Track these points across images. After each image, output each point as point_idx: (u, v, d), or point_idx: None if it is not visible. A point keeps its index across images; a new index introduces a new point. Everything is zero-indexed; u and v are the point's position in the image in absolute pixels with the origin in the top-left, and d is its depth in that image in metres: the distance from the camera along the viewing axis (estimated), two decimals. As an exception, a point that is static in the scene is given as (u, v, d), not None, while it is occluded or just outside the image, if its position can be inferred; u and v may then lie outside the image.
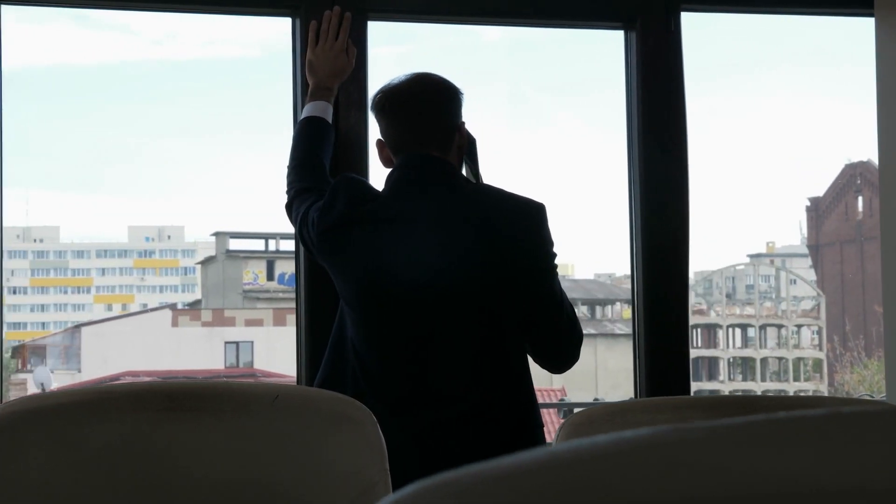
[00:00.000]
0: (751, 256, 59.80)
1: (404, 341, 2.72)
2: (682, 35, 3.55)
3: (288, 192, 3.02)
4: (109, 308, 65.26)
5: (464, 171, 2.89)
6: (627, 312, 40.44)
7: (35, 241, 68.61)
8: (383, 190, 2.82)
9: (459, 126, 2.86)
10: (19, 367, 42.35)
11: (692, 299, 47.60)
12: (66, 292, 68.02)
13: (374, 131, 3.22)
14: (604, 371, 39.69)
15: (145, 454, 1.84)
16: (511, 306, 2.71)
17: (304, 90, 3.25)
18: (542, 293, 2.74)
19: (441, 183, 2.76)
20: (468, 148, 2.90)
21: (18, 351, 45.65)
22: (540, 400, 2.82)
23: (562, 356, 2.82)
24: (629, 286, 3.64)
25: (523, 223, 2.73)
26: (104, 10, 3.90)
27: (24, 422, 1.83)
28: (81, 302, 67.51)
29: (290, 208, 3.00)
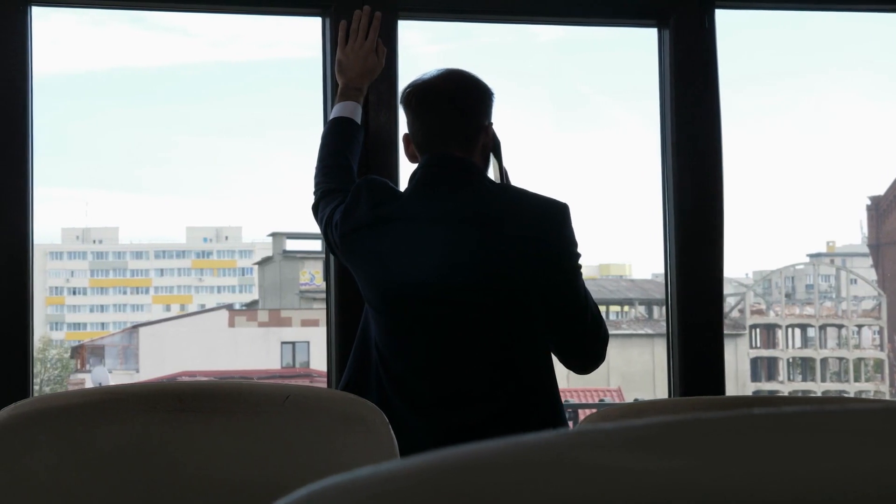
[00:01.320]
0: (811, 256, 59.33)
1: (427, 343, 2.71)
2: (718, 33, 3.52)
3: (315, 193, 3.02)
4: (168, 309, 65.72)
5: (490, 173, 2.87)
6: (685, 312, 40.23)
7: (94, 242, 69.21)
8: (406, 190, 2.81)
9: (487, 127, 2.84)
10: (78, 367, 42.75)
11: (751, 299, 47.44)
12: (125, 293, 68.56)
13: (404, 131, 3.22)
14: (661, 371, 39.52)
15: (155, 455, 1.84)
16: (535, 307, 2.70)
17: (335, 90, 3.24)
18: (566, 293, 2.72)
19: (464, 183, 2.75)
20: (494, 149, 2.88)
21: (77, 351, 46.07)
22: (593, 400, 2.80)
23: (587, 356, 2.80)
24: None
25: (546, 223, 2.71)
26: (138, 11, 3.91)
27: (33, 422, 1.83)
28: (140, 302, 68.02)
29: (316, 209, 2.99)
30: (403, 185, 2.90)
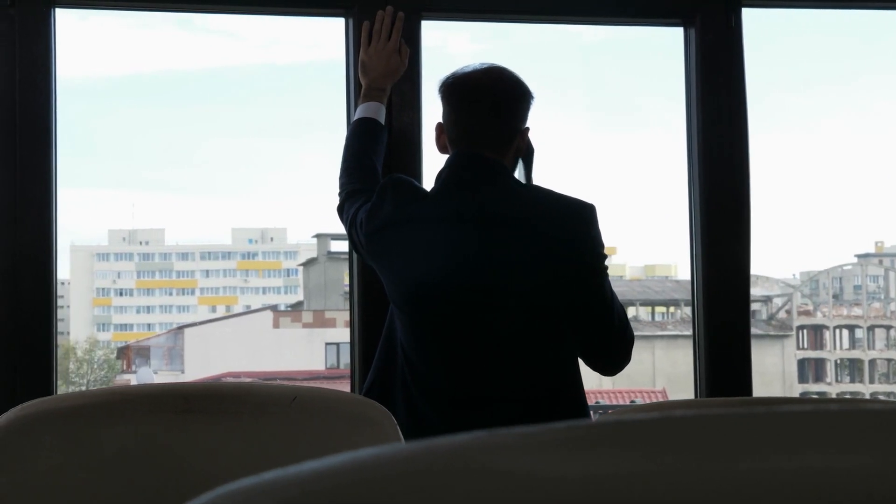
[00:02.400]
0: (859, 256, 58.86)
1: (452, 343, 2.70)
2: (744, 32, 3.49)
3: (339, 194, 3.01)
4: (213, 310, 66.00)
5: (517, 175, 2.85)
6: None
7: (140, 243, 69.61)
8: (431, 189, 2.80)
9: (523, 131, 2.83)
10: (124, 367, 43.00)
11: (798, 300, 47.11)
12: (170, 294, 68.91)
13: (427, 131, 3.21)
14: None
15: (161, 456, 1.84)
16: (560, 307, 2.68)
17: (358, 91, 3.23)
18: (592, 294, 2.70)
19: (490, 183, 2.73)
20: (526, 154, 2.86)
21: (123, 352, 46.34)
22: (640, 401, 2.79)
23: (612, 358, 2.78)
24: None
25: (573, 223, 2.69)
26: (164, 13, 3.92)
27: (39, 423, 1.83)
28: (186, 304, 68.34)
29: (341, 210, 2.99)
30: (427, 184, 2.89)
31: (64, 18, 3.24)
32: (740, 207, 3.44)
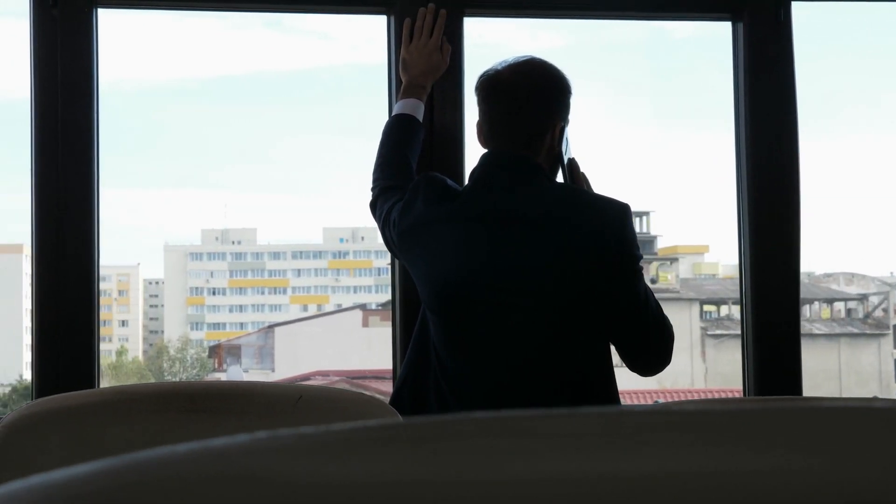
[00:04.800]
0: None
1: (482, 343, 2.68)
2: (793, 26, 3.43)
3: (373, 191, 3.01)
4: (305, 309, 66.26)
5: (559, 174, 2.82)
6: (826, 312, 39.50)
7: (233, 243, 70.13)
8: (464, 188, 2.79)
9: (557, 126, 2.79)
10: (215, 366, 43.39)
11: (895, 298, 46.33)
12: (263, 293, 69.33)
13: (469, 129, 3.19)
14: (803, 372, 38.84)
15: (166, 455, 1.84)
16: (594, 308, 2.65)
17: (398, 88, 3.22)
18: (626, 295, 2.66)
19: (523, 182, 2.71)
20: (563, 150, 2.82)
21: (215, 351, 46.75)
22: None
23: (649, 359, 2.74)
24: (828, 285, 3.54)
25: (606, 223, 2.65)
26: (206, 12, 3.93)
27: (45, 422, 1.84)
28: (278, 303, 68.71)
29: (374, 207, 2.98)
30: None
31: (158, 21, 3.28)
32: (790, 202, 3.39)
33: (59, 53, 3.16)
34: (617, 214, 2.67)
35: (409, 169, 3.02)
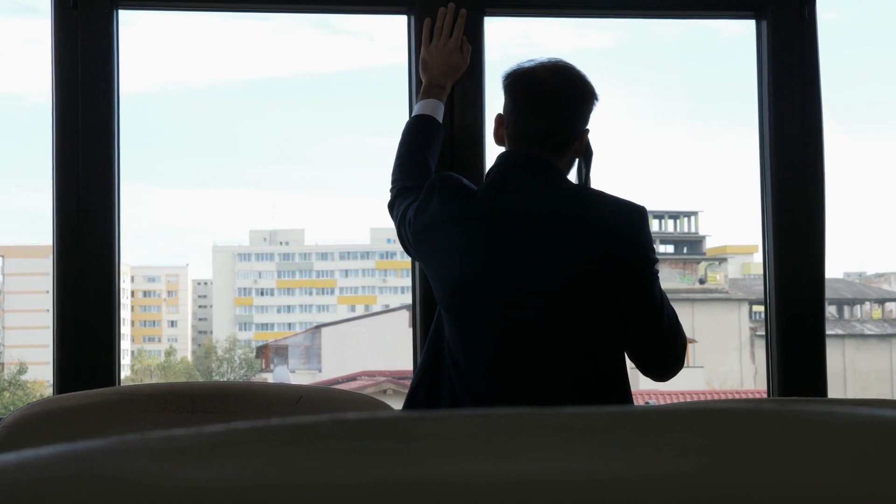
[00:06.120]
0: None
1: (496, 344, 2.66)
2: (818, 24, 3.40)
3: (391, 191, 3.00)
4: (352, 309, 66.36)
5: (573, 175, 2.80)
6: (878, 312, 39.16)
7: (281, 243, 70.34)
8: (480, 188, 2.77)
9: (583, 133, 2.78)
10: (263, 366, 43.56)
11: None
12: (310, 293, 69.50)
13: (490, 130, 3.17)
14: (852, 373, 38.46)
15: (165, 455, 1.84)
16: (608, 310, 2.63)
17: (419, 88, 3.21)
18: (640, 296, 2.64)
19: (540, 184, 2.69)
20: (585, 157, 2.81)
21: (262, 351, 46.92)
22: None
23: (662, 363, 2.71)
24: (879, 285, 3.51)
25: (621, 224, 2.63)
26: (237, 13, 3.94)
27: (44, 423, 1.85)
28: (325, 303, 68.84)
29: (391, 207, 2.97)
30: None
31: (207, 22, 3.29)
32: (815, 199, 3.36)
33: (79, 54, 3.18)
34: (633, 216, 2.65)
35: (428, 170, 3.01)
